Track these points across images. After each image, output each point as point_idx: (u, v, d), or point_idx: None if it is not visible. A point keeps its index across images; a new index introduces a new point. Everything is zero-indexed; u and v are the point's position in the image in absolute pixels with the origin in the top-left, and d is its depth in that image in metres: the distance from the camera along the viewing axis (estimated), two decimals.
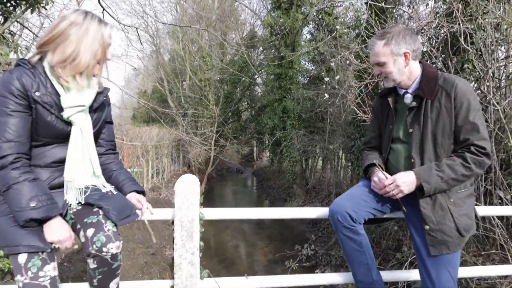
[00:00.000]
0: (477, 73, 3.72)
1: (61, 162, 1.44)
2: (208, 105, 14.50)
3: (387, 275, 1.83)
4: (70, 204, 1.44)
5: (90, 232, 1.35)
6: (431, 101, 1.59)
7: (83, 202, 1.45)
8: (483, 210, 1.90)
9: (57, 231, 1.32)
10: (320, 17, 11.26)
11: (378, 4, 4.29)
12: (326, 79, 5.21)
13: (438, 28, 4.33)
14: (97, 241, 1.33)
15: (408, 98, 1.67)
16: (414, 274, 1.88)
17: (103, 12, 4.97)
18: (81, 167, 1.44)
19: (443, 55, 4.21)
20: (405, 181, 1.56)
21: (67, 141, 1.44)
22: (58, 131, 1.41)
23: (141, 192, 1.59)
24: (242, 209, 1.76)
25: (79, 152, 1.43)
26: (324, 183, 11.24)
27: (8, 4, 2.91)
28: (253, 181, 19.09)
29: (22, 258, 1.25)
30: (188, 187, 1.60)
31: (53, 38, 1.35)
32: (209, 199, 12.96)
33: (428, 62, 5.35)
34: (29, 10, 3.14)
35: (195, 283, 1.62)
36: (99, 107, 1.53)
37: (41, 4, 2.81)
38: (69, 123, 1.42)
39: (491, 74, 3.61)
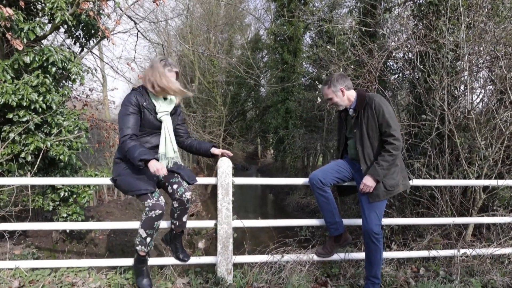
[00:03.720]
0: (435, 84, 4.77)
1: (156, 146, 2.53)
2: (216, 105, 15.54)
3: (347, 221, 2.92)
4: None
5: (175, 186, 2.46)
6: (363, 112, 2.63)
7: (170, 167, 2.54)
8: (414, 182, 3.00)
9: (155, 165, 2.27)
10: (320, 24, 12.28)
11: (362, 28, 5.34)
12: (319, 86, 6.28)
13: (410, 47, 5.41)
14: (179, 191, 2.44)
15: (351, 112, 2.74)
16: (361, 221, 2.96)
17: (137, 35, 6.09)
18: (167, 145, 2.53)
19: (413, 70, 5.28)
20: (368, 181, 2.53)
21: (159, 133, 2.52)
22: (154, 125, 2.49)
23: (214, 146, 2.71)
24: (256, 178, 2.92)
25: (167, 137, 2.52)
26: None
27: (84, 39, 4.04)
28: None
29: (146, 194, 2.33)
30: (226, 164, 2.70)
31: (147, 76, 2.45)
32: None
33: (401, 74, 6.45)
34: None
35: (229, 222, 2.73)
36: (175, 113, 2.63)
37: (109, 39, 3.93)
38: (159, 121, 2.51)
39: (446, 86, 4.67)
